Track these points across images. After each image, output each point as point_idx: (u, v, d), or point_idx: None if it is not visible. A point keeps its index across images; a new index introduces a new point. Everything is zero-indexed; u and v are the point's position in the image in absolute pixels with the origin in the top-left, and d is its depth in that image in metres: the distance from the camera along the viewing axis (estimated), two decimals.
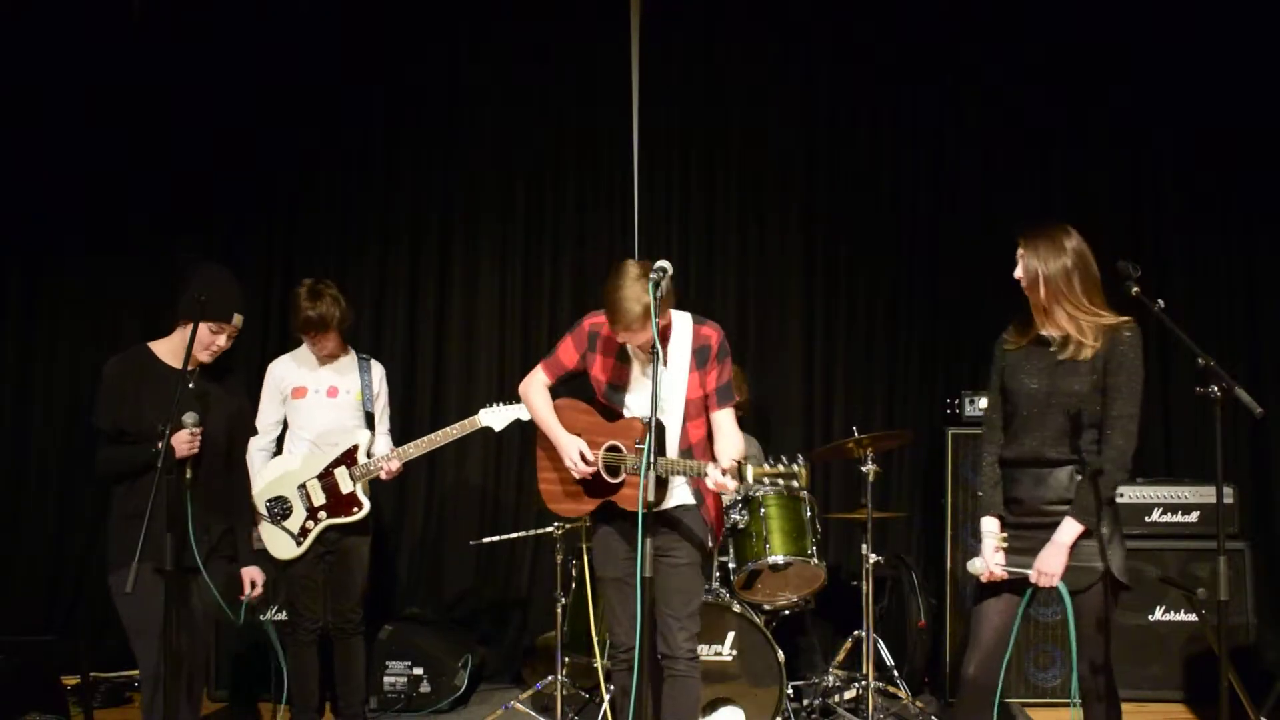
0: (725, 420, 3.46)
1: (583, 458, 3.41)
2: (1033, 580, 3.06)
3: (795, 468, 3.14)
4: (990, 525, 3.22)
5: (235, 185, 5.66)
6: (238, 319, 3.47)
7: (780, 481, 3.16)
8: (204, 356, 3.46)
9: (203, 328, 3.40)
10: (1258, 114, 5.52)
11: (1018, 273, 3.19)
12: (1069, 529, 3.04)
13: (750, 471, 3.17)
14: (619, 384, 3.45)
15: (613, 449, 3.43)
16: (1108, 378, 3.07)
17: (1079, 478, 3.09)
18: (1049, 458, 3.13)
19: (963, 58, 5.63)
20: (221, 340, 3.46)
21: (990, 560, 3.15)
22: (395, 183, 5.74)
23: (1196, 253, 5.61)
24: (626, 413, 3.44)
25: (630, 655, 3.34)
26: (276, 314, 5.65)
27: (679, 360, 3.37)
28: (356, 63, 5.67)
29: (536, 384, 3.58)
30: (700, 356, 3.40)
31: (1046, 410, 3.13)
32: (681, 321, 3.42)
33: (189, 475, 3.31)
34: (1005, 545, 3.16)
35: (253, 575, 3.64)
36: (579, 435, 3.47)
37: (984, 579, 3.17)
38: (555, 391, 3.60)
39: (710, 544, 3.56)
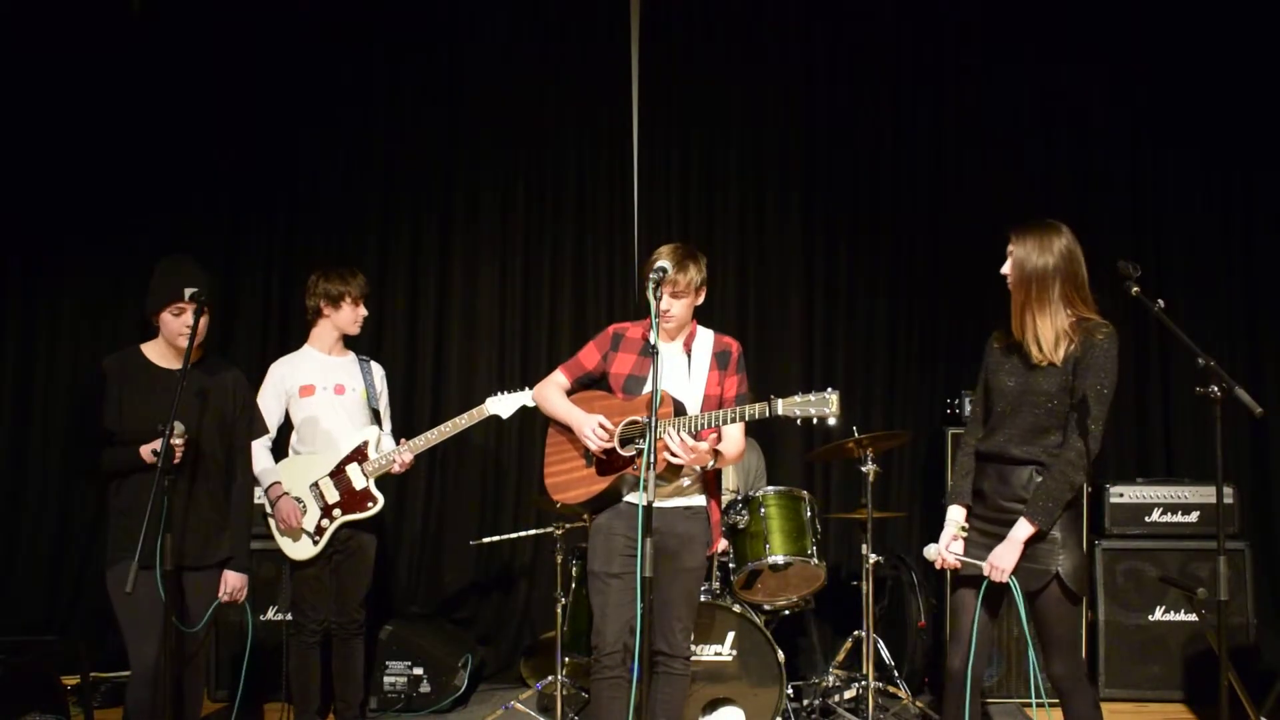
0: (734, 428, 3.51)
1: (601, 427, 3.43)
2: (985, 573, 3.12)
3: (826, 395, 3.20)
4: (954, 514, 3.29)
5: (235, 184, 5.66)
6: (188, 292, 3.38)
7: (812, 410, 3.20)
8: (181, 342, 3.38)
9: (166, 317, 3.40)
10: (1259, 114, 5.53)
11: (1005, 269, 3.21)
12: (1022, 528, 3.07)
13: (780, 404, 3.22)
14: (640, 375, 3.52)
15: (632, 423, 3.44)
16: (1076, 380, 3.06)
17: (1039, 478, 3.10)
18: (1013, 455, 3.15)
19: (963, 57, 5.63)
20: (188, 318, 3.39)
21: (943, 547, 3.24)
22: (395, 181, 5.74)
23: (1196, 253, 5.60)
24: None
25: (613, 659, 3.37)
26: (276, 313, 5.66)
27: (701, 358, 3.55)
28: (357, 61, 5.68)
29: (552, 385, 3.66)
30: (721, 359, 3.56)
31: (1018, 408, 3.15)
32: (704, 330, 3.64)
33: (170, 479, 3.28)
34: (965, 535, 3.24)
35: (231, 579, 3.52)
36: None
37: (936, 565, 3.27)
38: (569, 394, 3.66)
39: (710, 548, 3.60)
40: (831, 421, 3.23)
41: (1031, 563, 3.08)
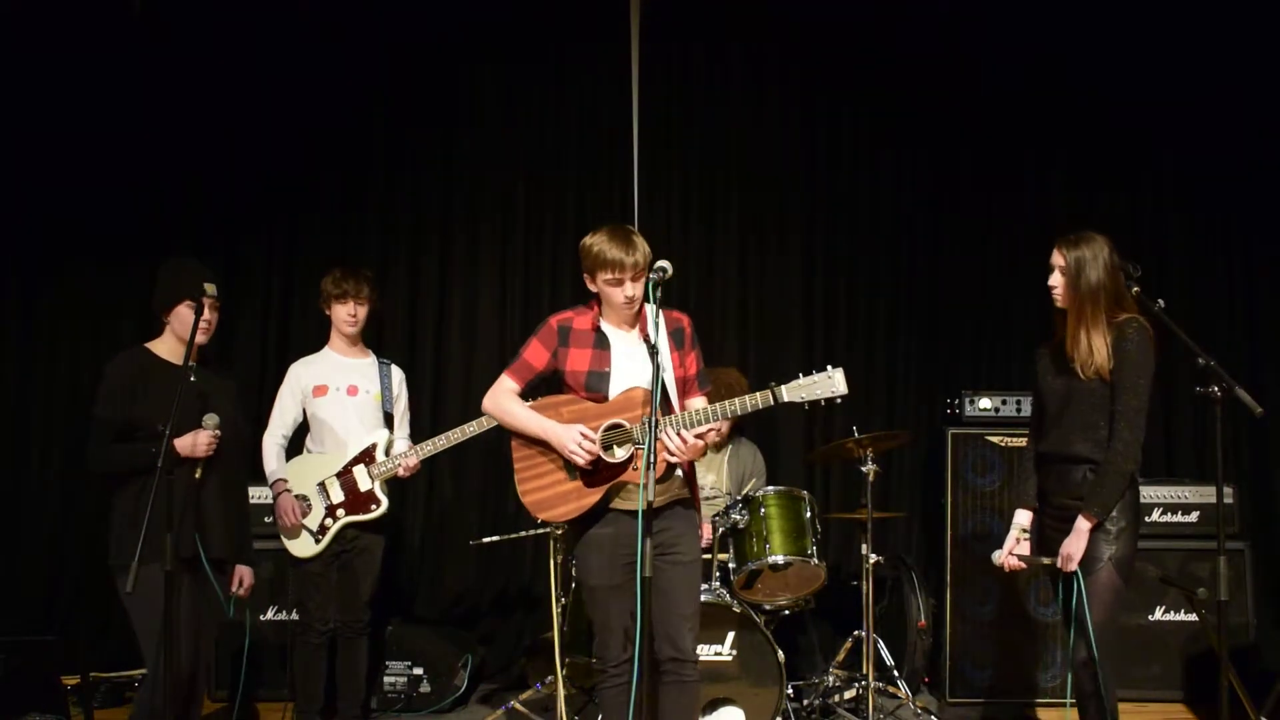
0: (698, 400, 3.43)
1: (585, 438, 3.20)
2: (1060, 566, 3.26)
3: (829, 374, 3.09)
4: (1019, 518, 3.48)
5: (235, 186, 5.66)
6: (209, 287, 3.49)
7: (818, 391, 3.09)
8: (200, 337, 3.47)
9: (183, 310, 3.45)
10: (1257, 113, 5.52)
11: (1053, 281, 3.32)
12: (1084, 521, 3.22)
13: (785, 390, 3.11)
14: (601, 370, 3.29)
15: (613, 426, 3.24)
16: (1113, 374, 3.21)
17: (1091, 474, 3.25)
18: (1067, 453, 3.31)
19: (962, 61, 5.62)
20: (206, 312, 3.48)
21: (1005, 551, 3.43)
22: (396, 184, 5.74)
23: (1197, 253, 5.60)
24: (615, 394, 3.28)
25: (621, 669, 3.27)
26: (276, 315, 5.65)
27: (661, 343, 3.25)
28: (358, 63, 5.67)
29: (504, 392, 3.37)
30: (677, 338, 3.39)
31: (1066, 407, 3.30)
32: (650, 310, 3.31)
33: (198, 474, 3.35)
34: (1026, 537, 3.41)
35: (242, 573, 3.65)
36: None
37: (1005, 570, 3.45)
38: (523, 398, 3.42)
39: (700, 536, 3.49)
40: (840, 400, 3.08)
41: (1087, 550, 3.24)
